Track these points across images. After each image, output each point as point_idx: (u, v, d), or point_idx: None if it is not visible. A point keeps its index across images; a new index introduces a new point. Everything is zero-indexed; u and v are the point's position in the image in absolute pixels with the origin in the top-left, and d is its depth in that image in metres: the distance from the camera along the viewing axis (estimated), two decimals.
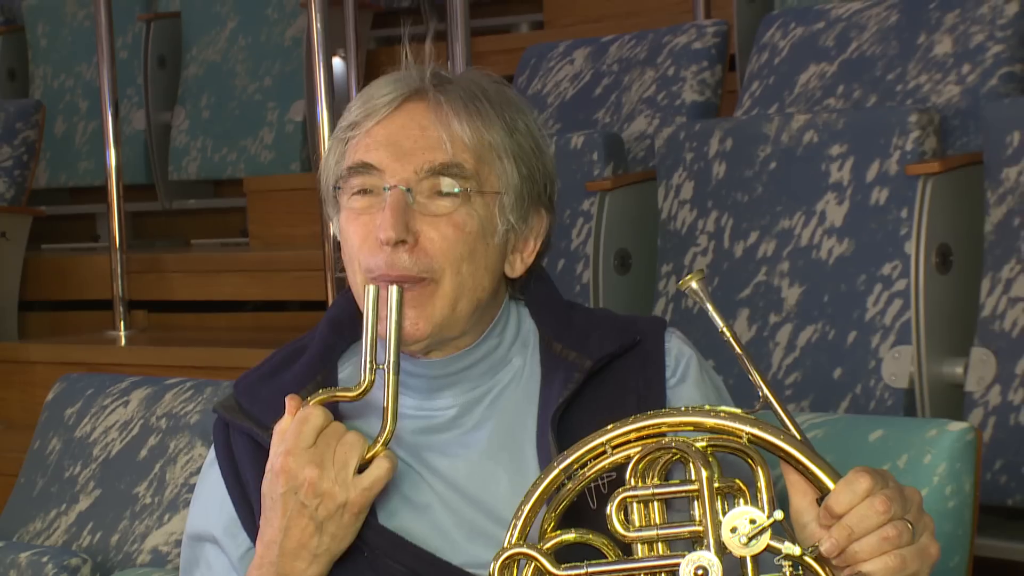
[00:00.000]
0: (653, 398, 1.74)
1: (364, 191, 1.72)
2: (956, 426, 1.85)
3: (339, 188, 1.75)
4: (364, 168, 1.71)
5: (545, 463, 1.69)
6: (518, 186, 1.74)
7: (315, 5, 4.00)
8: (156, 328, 4.70)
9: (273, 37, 5.24)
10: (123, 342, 4.44)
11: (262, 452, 1.72)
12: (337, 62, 4.57)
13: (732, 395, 1.90)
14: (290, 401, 1.67)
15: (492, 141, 1.72)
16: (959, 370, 2.76)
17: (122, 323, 4.53)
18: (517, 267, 1.78)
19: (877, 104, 3.17)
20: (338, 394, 1.67)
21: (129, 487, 2.60)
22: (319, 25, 4.00)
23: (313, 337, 1.83)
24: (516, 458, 1.73)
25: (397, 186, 1.69)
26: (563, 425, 1.70)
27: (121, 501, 2.60)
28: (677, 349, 1.80)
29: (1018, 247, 2.72)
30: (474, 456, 1.74)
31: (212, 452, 1.81)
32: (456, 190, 1.70)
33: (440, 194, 1.70)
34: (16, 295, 4.73)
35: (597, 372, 1.74)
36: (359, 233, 1.72)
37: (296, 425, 1.64)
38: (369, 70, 5.35)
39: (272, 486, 1.64)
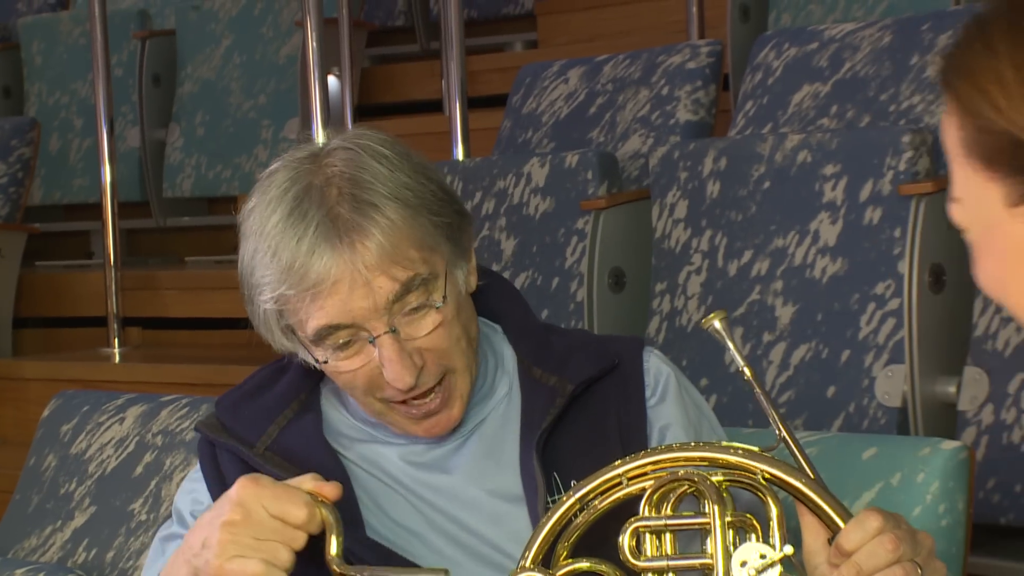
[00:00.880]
0: (633, 418, 1.74)
1: (344, 344, 1.67)
2: (949, 445, 1.86)
3: (293, 331, 1.70)
4: (332, 329, 1.66)
5: (531, 488, 1.69)
6: (448, 234, 1.70)
7: (310, 23, 4.01)
8: (150, 345, 4.70)
9: (268, 55, 5.25)
10: (117, 359, 4.44)
11: (249, 469, 1.71)
12: (332, 80, 4.58)
13: (723, 414, 1.91)
14: (334, 488, 1.60)
15: (408, 219, 1.66)
16: (952, 389, 2.77)
17: (116, 340, 4.53)
18: (472, 282, 1.76)
19: (870, 124, 3.18)
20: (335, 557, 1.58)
21: (125, 504, 2.61)
22: (314, 43, 4.01)
23: (295, 356, 1.79)
24: (498, 483, 1.73)
25: (382, 334, 1.65)
26: (546, 449, 1.70)
27: (116, 518, 2.61)
28: (655, 368, 1.78)
29: None
30: (457, 480, 1.74)
31: (197, 469, 1.80)
32: (425, 302, 1.66)
33: (415, 311, 1.66)
34: (10, 312, 4.73)
35: (578, 396, 1.74)
36: (362, 377, 1.68)
37: (287, 499, 1.57)
38: (364, 88, 5.36)
39: (215, 508, 1.61)
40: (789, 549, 1.46)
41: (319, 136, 3.89)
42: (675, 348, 3.01)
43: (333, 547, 1.57)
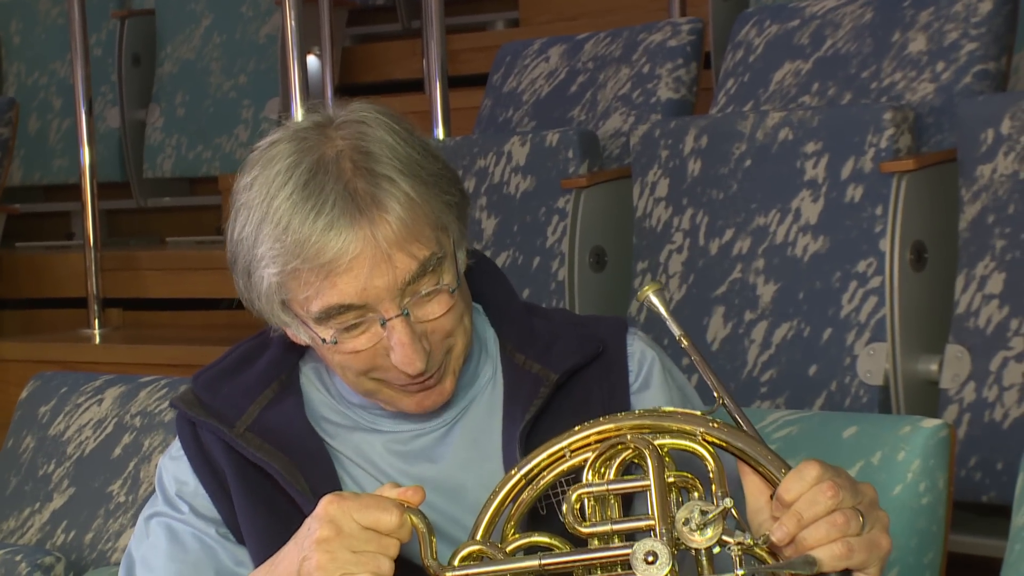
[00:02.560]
0: (617, 406, 1.72)
1: (352, 326, 1.62)
2: (930, 423, 1.86)
3: (290, 306, 1.65)
4: (343, 309, 1.61)
5: None
6: (457, 213, 1.67)
7: (290, 2, 3.99)
8: (131, 326, 4.68)
9: (248, 35, 5.23)
10: (97, 340, 4.42)
11: (230, 448, 1.70)
12: (312, 60, 4.56)
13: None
14: (416, 492, 1.56)
15: (423, 195, 1.62)
16: (934, 367, 2.77)
17: (96, 321, 4.51)
18: (466, 261, 1.73)
19: (852, 102, 3.17)
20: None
21: (103, 485, 2.60)
22: (294, 22, 4.00)
23: (274, 331, 1.75)
24: (482, 472, 1.71)
25: (393, 317, 1.61)
26: (528, 439, 1.68)
27: (95, 499, 2.60)
28: (640, 353, 1.76)
29: (992, 244, 2.73)
30: (443, 469, 1.72)
31: (176, 447, 1.76)
32: (436, 285, 1.62)
33: (427, 295, 1.62)
34: None
35: (562, 384, 1.72)
36: (364, 358, 1.64)
37: (376, 507, 1.53)
38: (344, 67, 5.34)
39: (301, 531, 1.57)
40: (728, 502, 1.48)
41: (298, 114, 3.87)
42: (656, 328, 3.00)
43: (430, 551, 1.54)
